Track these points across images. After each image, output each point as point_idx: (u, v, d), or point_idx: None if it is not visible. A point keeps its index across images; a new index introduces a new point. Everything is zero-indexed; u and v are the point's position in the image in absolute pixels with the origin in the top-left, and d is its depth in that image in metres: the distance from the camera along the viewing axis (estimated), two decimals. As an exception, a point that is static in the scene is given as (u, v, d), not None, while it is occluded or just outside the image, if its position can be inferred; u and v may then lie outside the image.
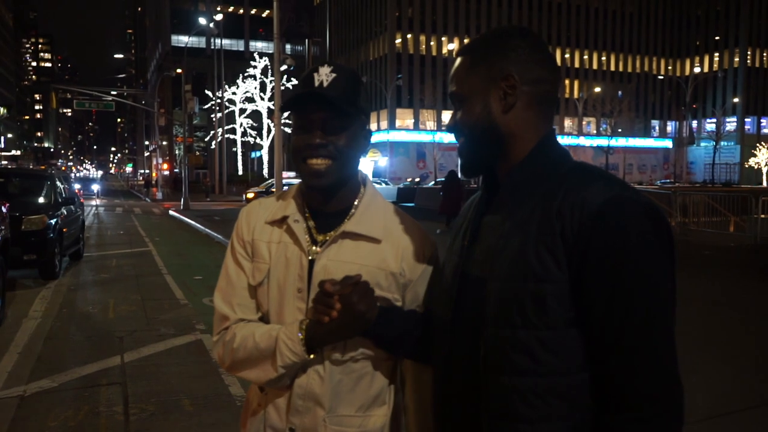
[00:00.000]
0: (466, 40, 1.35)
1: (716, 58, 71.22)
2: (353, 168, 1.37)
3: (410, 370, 1.41)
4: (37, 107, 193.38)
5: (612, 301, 1.03)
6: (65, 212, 10.09)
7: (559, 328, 1.05)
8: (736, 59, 69.31)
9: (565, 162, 1.17)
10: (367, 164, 47.86)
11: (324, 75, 1.30)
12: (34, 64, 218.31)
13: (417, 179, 45.73)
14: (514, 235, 1.11)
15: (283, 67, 40.55)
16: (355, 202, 1.38)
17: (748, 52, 68.71)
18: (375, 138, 59.39)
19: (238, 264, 1.40)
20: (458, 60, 1.23)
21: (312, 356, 1.29)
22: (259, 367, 1.32)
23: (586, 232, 1.03)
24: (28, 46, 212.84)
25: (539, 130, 1.18)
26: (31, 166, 75.09)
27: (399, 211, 1.43)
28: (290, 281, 1.34)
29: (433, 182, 36.52)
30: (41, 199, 9.69)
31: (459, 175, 13.42)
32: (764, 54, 69.99)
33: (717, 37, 70.49)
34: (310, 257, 1.34)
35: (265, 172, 49.15)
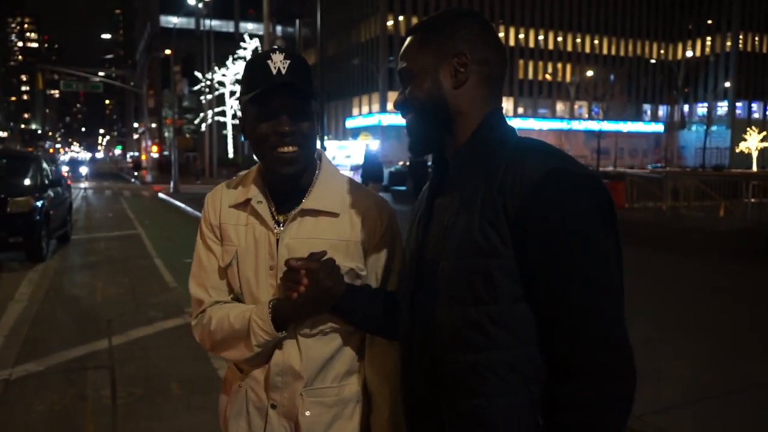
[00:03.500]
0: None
1: (708, 43, 71.25)
2: (314, 150, 1.41)
3: (381, 343, 1.44)
4: (23, 88, 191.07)
5: (553, 273, 1.03)
6: (52, 194, 9.96)
7: (507, 303, 1.07)
8: (728, 43, 69.35)
9: (509, 139, 1.18)
10: (359, 147, 47.60)
11: (279, 62, 1.30)
12: (20, 44, 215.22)
13: (408, 163, 45.53)
14: (462, 214, 1.12)
15: (274, 49, 40.16)
16: (313, 180, 1.42)
17: (741, 37, 68.74)
18: (366, 121, 59.14)
19: (208, 248, 1.45)
20: (408, 38, 1.24)
21: (282, 333, 1.33)
22: (237, 347, 1.37)
23: (526, 206, 1.04)
24: (14, 26, 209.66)
25: (484, 109, 1.19)
26: (18, 148, 74.30)
27: (355, 183, 1.48)
28: (261, 260, 1.38)
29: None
30: (27, 181, 9.54)
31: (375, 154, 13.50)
32: (756, 38, 70.07)
33: (709, 21, 70.45)
34: (276, 238, 1.38)
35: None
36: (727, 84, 68.52)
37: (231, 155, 51.94)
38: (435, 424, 1.16)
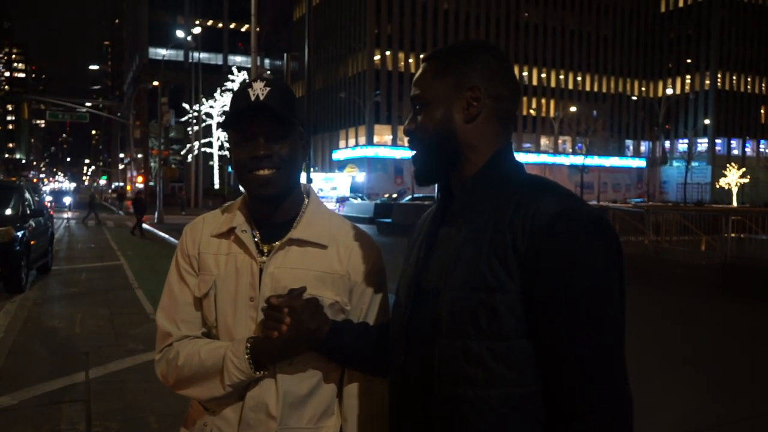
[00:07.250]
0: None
1: (688, 81, 73.02)
2: (296, 177, 1.38)
3: (359, 380, 1.39)
4: (9, 118, 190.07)
5: (561, 312, 1.03)
6: (33, 224, 9.87)
7: (511, 339, 1.05)
8: (707, 82, 71.12)
9: (518, 175, 1.18)
10: (344, 180, 47.77)
11: (258, 89, 1.31)
12: (7, 74, 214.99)
13: (395, 195, 45.79)
14: (468, 246, 1.11)
15: (262, 82, 40.43)
16: (300, 212, 1.40)
17: (719, 76, 70.57)
18: (353, 153, 59.48)
19: (182, 280, 1.39)
20: (424, 65, 1.23)
21: (259, 374, 1.28)
22: (205, 385, 1.31)
23: (536, 244, 1.04)
24: (1, 56, 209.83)
25: (495, 144, 1.19)
26: (1, 178, 73.53)
27: (343, 218, 1.46)
28: (242, 290, 1.33)
29: (409, 197, 36.68)
30: (8, 211, 9.45)
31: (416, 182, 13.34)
32: (734, 77, 71.95)
33: (689, 60, 72.34)
34: (260, 267, 1.34)
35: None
36: (707, 121, 70.02)
37: (217, 186, 51.83)
38: None
